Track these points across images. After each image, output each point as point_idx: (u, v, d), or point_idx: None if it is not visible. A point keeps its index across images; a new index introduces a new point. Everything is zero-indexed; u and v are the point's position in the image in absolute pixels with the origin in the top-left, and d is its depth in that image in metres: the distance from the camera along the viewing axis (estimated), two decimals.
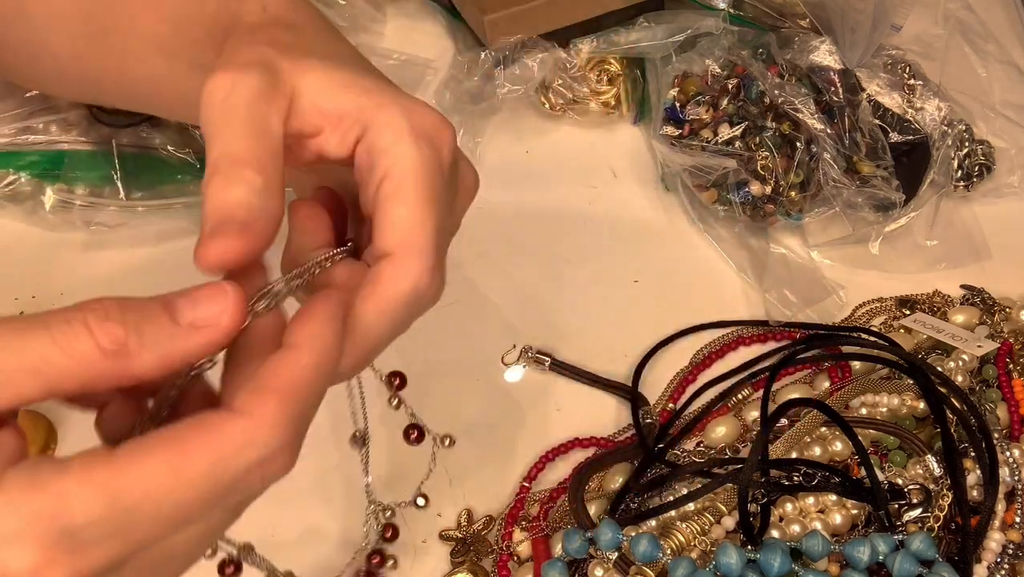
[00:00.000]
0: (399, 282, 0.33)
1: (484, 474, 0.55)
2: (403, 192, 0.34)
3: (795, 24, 0.68)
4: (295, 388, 0.28)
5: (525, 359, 0.59)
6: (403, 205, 0.34)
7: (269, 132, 0.33)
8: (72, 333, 0.26)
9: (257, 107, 0.33)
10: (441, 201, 0.35)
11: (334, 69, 0.35)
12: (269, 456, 0.27)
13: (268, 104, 0.33)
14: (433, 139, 0.35)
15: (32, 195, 0.63)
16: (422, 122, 0.35)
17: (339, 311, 0.31)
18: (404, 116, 0.35)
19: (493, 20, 0.66)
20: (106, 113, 0.63)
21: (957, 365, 0.55)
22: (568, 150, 0.70)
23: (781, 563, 0.44)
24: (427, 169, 0.34)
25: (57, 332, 0.26)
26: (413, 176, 0.34)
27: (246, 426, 0.27)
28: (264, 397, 0.27)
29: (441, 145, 0.35)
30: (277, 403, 0.27)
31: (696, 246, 0.65)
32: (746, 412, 0.56)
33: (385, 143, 0.34)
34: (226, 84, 0.33)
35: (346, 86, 0.35)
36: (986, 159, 0.66)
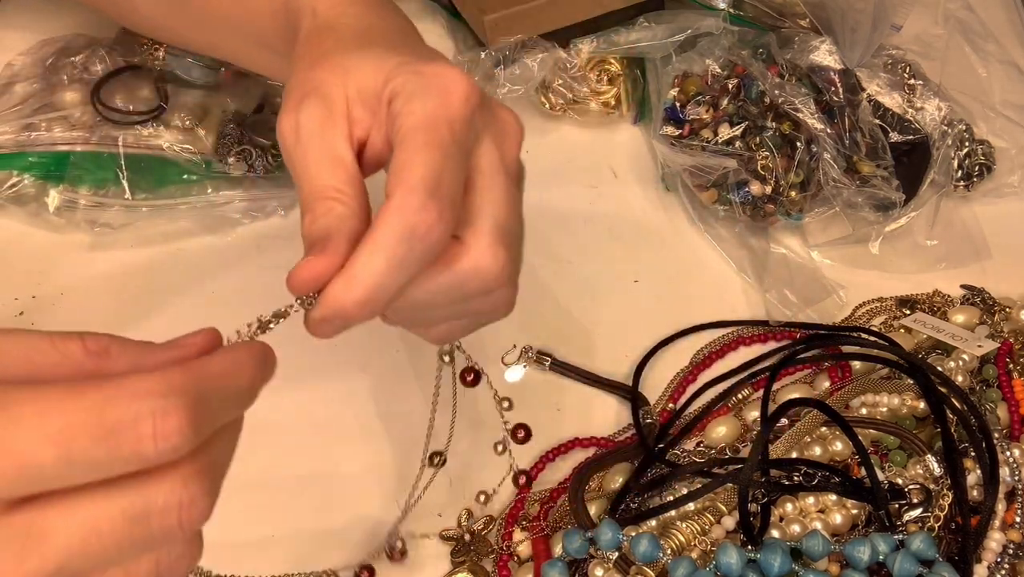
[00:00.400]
0: (386, 220, 0.34)
1: (484, 474, 0.55)
2: (404, 142, 0.35)
3: (795, 24, 0.68)
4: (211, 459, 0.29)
5: (525, 359, 0.59)
6: (398, 154, 0.35)
7: (341, 159, 0.36)
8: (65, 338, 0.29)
9: (324, 140, 0.36)
10: (446, 146, 0.35)
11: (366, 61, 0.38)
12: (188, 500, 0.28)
13: (332, 131, 0.37)
14: (441, 91, 0.36)
15: (36, 197, 0.63)
16: (432, 81, 0.37)
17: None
18: (415, 77, 0.37)
19: (493, 20, 0.66)
20: (113, 111, 0.63)
21: (957, 365, 0.55)
22: (568, 150, 0.70)
23: (781, 563, 0.44)
24: (429, 119, 0.36)
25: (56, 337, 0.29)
26: (413, 127, 0.35)
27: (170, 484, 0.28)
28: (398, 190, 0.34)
29: (451, 96, 0.36)
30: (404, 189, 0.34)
31: (696, 246, 0.65)
32: (746, 412, 0.56)
33: (397, 108, 0.36)
34: (291, 127, 0.37)
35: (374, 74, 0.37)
36: (986, 159, 0.66)
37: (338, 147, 0.36)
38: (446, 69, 0.37)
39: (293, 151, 0.37)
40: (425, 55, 0.40)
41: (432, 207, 0.34)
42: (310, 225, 0.35)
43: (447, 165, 0.35)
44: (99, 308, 0.60)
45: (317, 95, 0.37)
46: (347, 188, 0.36)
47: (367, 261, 0.34)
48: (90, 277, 0.62)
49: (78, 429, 0.26)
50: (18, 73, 0.66)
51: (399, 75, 0.37)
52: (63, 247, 0.63)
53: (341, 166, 0.36)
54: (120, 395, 0.26)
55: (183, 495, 0.28)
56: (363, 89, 0.37)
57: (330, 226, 0.35)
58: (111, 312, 0.60)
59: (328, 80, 0.38)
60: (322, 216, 0.35)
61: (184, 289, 0.61)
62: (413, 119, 0.36)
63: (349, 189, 0.36)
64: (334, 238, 0.34)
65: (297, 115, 0.37)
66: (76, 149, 0.62)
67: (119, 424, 0.26)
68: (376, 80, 0.37)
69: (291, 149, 0.37)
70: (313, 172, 0.36)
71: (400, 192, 0.34)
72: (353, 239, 0.34)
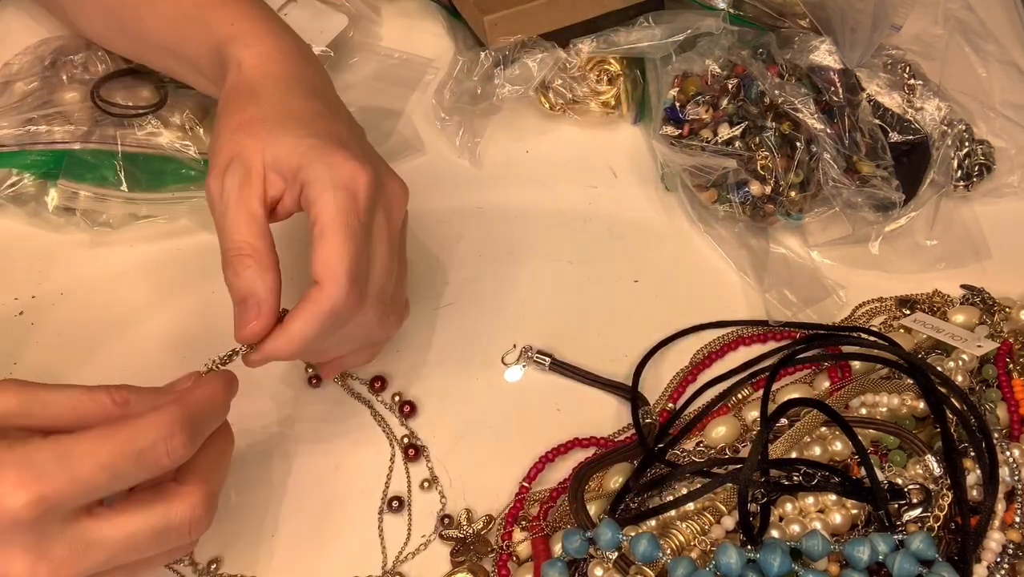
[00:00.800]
0: (320, 303, 0.44)
1: (484, 474, 0.55)
2: (324, 235, 0.45)
3: (795, 24, 0.68)
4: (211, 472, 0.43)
5: (525, 359, 0.59)
6: (324, 246, 0.45)
7: (254, 216, 0.45)
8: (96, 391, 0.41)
9: (241, 201, 0.45)
10: (358, 236, 0.45)
11: (282, 135, 0.47)
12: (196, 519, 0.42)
13: (249, 193, 0.46)
14: (349, 186, 0.45)
15: (36, 196, 0.63)
16: (340, 173, 0.46)
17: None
18: (326, 171, 0.46)
19: (493, 20, 0.66)
20: (113, 105, 0.63)
21: (957, 365, 0.55)
22: (568, 150, 0.70)
23: (781, 563, 0.44)
24: (343, 213, 0.45)
25: (90, 390, 0.41)
26: (331, 222, 0.45)
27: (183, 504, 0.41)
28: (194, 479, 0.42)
29: (357, 190, 0.46)
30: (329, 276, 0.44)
31: (696, 246, 0.65)
32: (746, 412, 0.56)
33: (313, 195, 0.45)
34: (217, 189, 0.46)
35: (290, 151, 0.46)
36: (986, 159, 0.66)
37: (253, 207, 0.45)
38: (349, 162, 0.46)
39: (216, 208, 0.46)
40: (332, 143, 0.47)
41: (355, 292, 0.45)
42: (233, 279, 0.45)
43: (360, 251, 0.45)
44: (99, 308, 0.60)
45: (239, 161, 0.46)
46: (258, 242, 0.45)
47: (301, 328, 0.45)
48: (90, 276, 0.62)
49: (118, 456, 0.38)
50: (18, 72, 0.66)
51: (311, 162, 0.46)
52: (63, 247, 0.63)
53: (255, 222, 0.45)
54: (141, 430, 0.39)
55: (193, 514, 0.41)
56: (279, 161, 0.46)
57: (252, 285, 0.45)
58: (111, 312, 0.60)
59: (249, 146, 0.46)
60: (241, 272, 0.45)
61: (184, 288, 0.61)
62: (328, 213, 0.45)
63: (259, 243, 0.45)
64: (263, 300, 0.45)
65: (223, 179, 0.46)
66: (75, 148, 0.62)
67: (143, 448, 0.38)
68: (291, 158, 0.46)
69: (215, 207, 0.46)
70: (231, 228, 0.45)
71: (330, 283, 0.44)
72: (273, 292, 0.45)
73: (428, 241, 0.65)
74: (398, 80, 0.72)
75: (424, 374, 0.59)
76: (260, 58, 0.51)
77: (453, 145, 0.69)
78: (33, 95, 0.64)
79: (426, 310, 0.61)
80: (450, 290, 0.62)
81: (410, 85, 0.72)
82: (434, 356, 0.60)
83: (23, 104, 0.63)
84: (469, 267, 0.63)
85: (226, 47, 0.52)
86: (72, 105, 0.63)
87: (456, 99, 0.68)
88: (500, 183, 0.68)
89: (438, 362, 0.59)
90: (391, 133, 0.69)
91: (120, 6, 0.59)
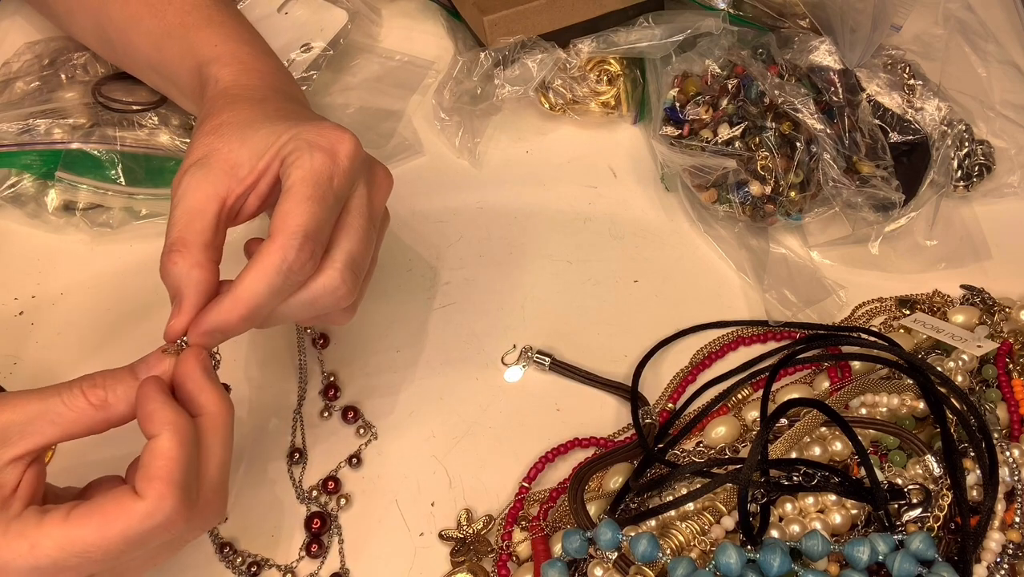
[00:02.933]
0: (270, 256, 0.43)
1: (484, 474, 0.55)
2: (290, 191, 0.44)
3: (795, 24, 0.68)
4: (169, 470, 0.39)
5: (525, 359, 0.59)
6: (286, 200, 0.44)
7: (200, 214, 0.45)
8: (72, 395, 0.41)
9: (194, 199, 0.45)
10: (326, 199, 0.44)
11: (258, 128, 0.46)
12: (168, 522, 0.39)
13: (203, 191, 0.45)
14: (328, 149, 0.45)
15: (35, 197, 0.63)
16: (318, 137, 0.45)
17: (164, 385, 0.42)
18: (303, 137, 0.45)
19: (493, 20, 0.66)
20: (113, 101, 0.63)
21: (957, 365, 0.55)
22: (568, 150, 0.70)
23: (781, 563, 0.44)
24: (314, 173, 0.44)
25: (65, 395, 0.41)
26: (300, 180, 0.44)
27: (144, 506, 0.38)
28: (151, 484, 0.39)
29: (337, 153, 0.45)
30: (160, 486, 0.39)
31: (696, 246, 0.65)
32: (746, 412, 0.56)
33: (290, 160, 0.45)
34: (177, 183, 0.46)
35: (265, 139, 0.46)
36: (986, 159, 0.66)
37: (201, 205, 0.45)
38: (334, 129, 0.46)
39: (172, 196, 0.46)
40: (314, 119, 0.48)
41: (307, 249, 0.43)
42: (163, 275, 0.44)
43: (323, 215, 0.44)
44: (99, 307, 0.60)
45: (204, 162, 0.46)
46: (193, 237, 0.44)
47: (250, 285, 0.43)
48: (90, 276, 0.62)
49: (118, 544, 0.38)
50: (17, 71, 0.66)
51: (291, 137, 0.45)
52: (63, 247, 0.63)
53: (198, 219, 0.45)
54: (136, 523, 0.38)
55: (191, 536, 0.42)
56: (255, 149, 0.46)
57: (176, 281, 0.44)
58: (111, 311, 0.60)
59: (216, 147, 0.46)
60: (169, 267, 0.44)
61: None
62: (300, 172, 0.44)
63: (194, 238, 0.44)
64: (184, 297, 0.43)
65: (183, 176, 0.46)
66: (75, 147, 0.62)
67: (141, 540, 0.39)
68: (268, 139, 0.46)
69: (172, 195, 0.46)
70: (172, 223, 0.45)
71: (282, 236, 0.43)
72: (196, 289, 0.44)
73: (428, 241, 0.65)
74: (398, 82, 0.72)
75: (424, 374, 0.59)
76: (238, 74, 0.52)
77: (453, 145, 0.69)
78: (33, 94, 0.64)
79: (426, 310, 0.61)
80: (450, 290, 0.62)
81: (410, 87, 0.72)
82: (434, 356, 0.60)
83: (23, 103, 0.63)
84: (469, 267, 0.63)
85: (207, 67, 0.53)
86: (72, 104, 0.63)
87: (456, 99, 0.68)
88: (500, 183, 0.68)
89: (438, 362, 0.59)
90: (391, 134, 0.69)
91: (108, 21, 0.59)
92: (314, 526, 0.53)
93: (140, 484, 0.39)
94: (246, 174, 0.46)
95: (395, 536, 0.53)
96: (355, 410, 0.57)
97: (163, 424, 0.40)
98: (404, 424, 0.57)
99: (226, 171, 0.46)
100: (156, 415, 0.40)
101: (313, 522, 0.53)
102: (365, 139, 0.67)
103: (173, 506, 0.38)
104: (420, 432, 0.57)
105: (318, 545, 0.52)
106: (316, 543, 0.52)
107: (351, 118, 0.69)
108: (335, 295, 0.46)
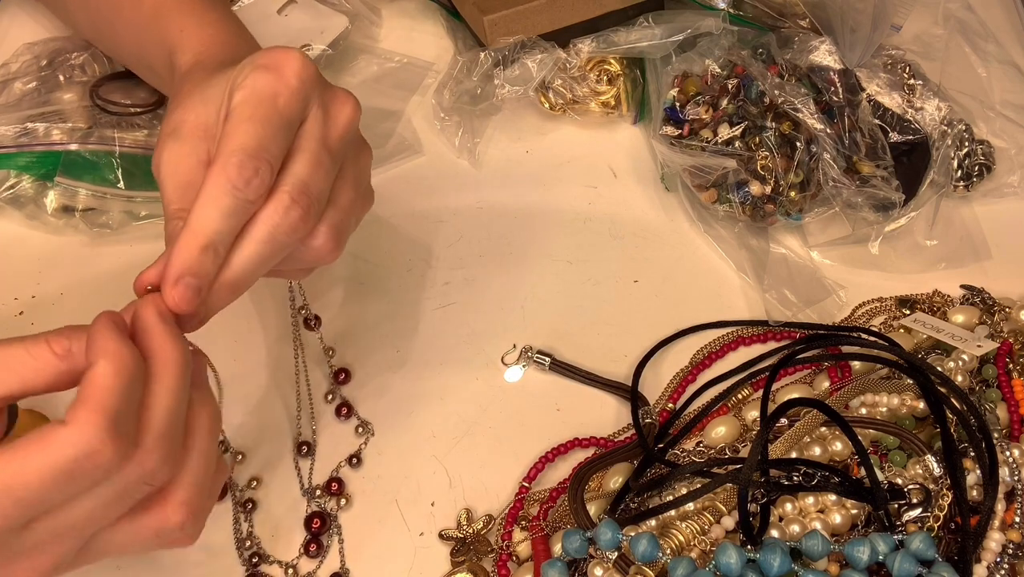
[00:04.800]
0: (212, 179, 0.41)
1: (484, 474, 0.55)
2: (230, 116, 0.42)
3: (795, 24, 0.68)
4: (99, 398, 0.35)
5: (525, 359, 0.59)
6: (227, 124, 0.42)
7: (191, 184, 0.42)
8: (36, 345, 0.38)
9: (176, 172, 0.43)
10: (269, 118, 0.42)
11: (215, 83, 0.45)
12: (91, 450, 0.35)
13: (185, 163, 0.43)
14: (270, 66, 0.43)
15: (34, 198, 0.63)
16: (262, 57, 0.43)
17: (119, 320, 0.39)
18: (250, 63, 0.43)
19: (493, 20, 0.66)
20: (111, 103, 0.63)
21: (957, 365, 0.55)
22: (568, 150, 0.70)
23: (781, 563, 0.44)
24: (256, 92, 0.42)
25: (29, 345, 0.38)
26: (241, 102, 0.42)
27: (67, 433, 0.35)
28: (77, 410, 0.35)
29: (282, 69, 0.42)
30: (86, 412, 0.35)
31: (696, 246, 0.65)
32: (746, 412, 0.56)
33: (235, 88, 0.43)
34: (156, 163, 0.44)
35: (221, 86, 0.44)
36: (986, 159, 0.66)
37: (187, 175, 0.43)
38: (281, 51, 0.43)
39: (157, 179, 0.44)
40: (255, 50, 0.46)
41: (249, 166, 0.40)
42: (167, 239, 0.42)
43: (266, 134, 0.41)
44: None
45: (175, 134, 0.44)
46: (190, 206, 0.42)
47: (200, 213, 0.40)
48: (89, 277, 0.62)
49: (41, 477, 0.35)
50: (16, 72, 0.66)
51: (239, 69, 0.43)
52: (62, 247, 0.63)
53: (191, 190, 0.42)
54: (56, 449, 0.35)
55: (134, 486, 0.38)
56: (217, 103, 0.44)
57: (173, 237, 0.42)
58: None
59: (185, 118, 0.44)
60: (171, 233, 0.42)
61: None
62: (242, 93, 0.42)
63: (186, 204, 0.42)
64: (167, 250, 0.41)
65: (161, 152, 0.44)
66: (73, 148, 0.62)
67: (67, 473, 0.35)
68: (225, 88, 0.44)
69: (156, 177, 0.44)
70: (168, 198, 0.43)
71: (220, 157, 0.41)
72: None
73: (428, 241, 0.65)
74: (398, 83, 0.72)
75: (424, 374, 0.59)
76: (200, 54, 0.51)
77: (453, 145, 0.69)
78: (31, 95, 0.64)
79: (426, 310, 0.61)
80: (450, 290, 0.62)
81: (410, 88, 0.72)
82: (434, 356, 0.60)
83: (21, 104, 0.63)
84: (469, 267, 0.63)
85: (174, 54, 0.52)
86: (70, 105, 0.63)
87: (456, 99, 0.68)
88: (500, 183, 0.68)
89: (438, 362, 0.59)
90: (391, 135, 0.69)
91: (96, 13, 0.59)
92: (314, 526, 0.53)
93: (68, 412, 0.36)
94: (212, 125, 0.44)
95: (395, 536, 0.53)
96: (348, 406, 0.57)
97: (102, 352, 0.37)
98: (404, 424, 0.57)
99: (199, 136, 0.44)
100: (98, 343, 0.37)
101: (313, 522, 0.53)
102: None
103: (98, 433, 0.35)
104: (420, 432, 0.57)
105: (317, 545, 0.52)
106: (315, 543, 0.52)
107: None
108: (289, 221, 0.42)
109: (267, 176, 0.41)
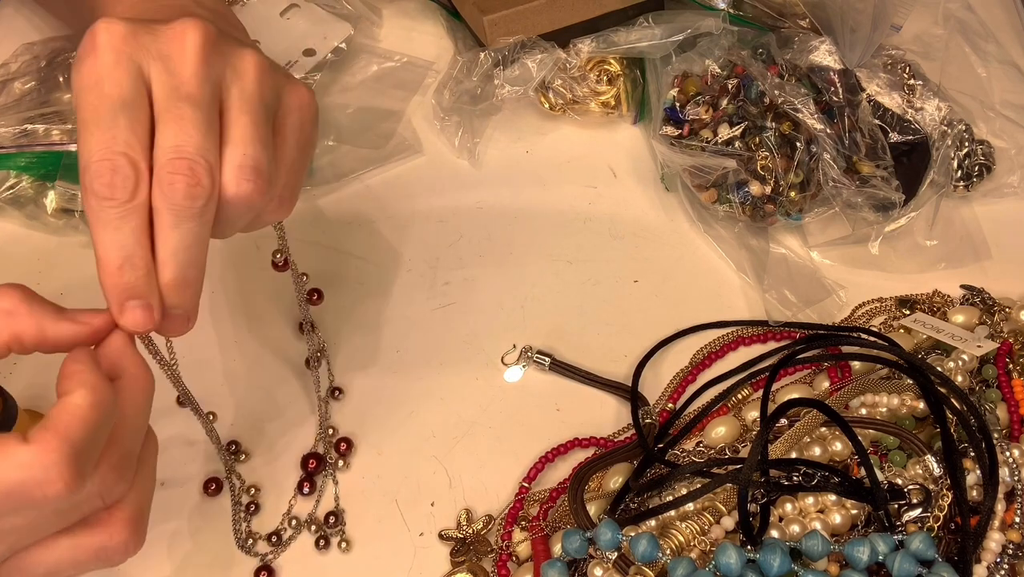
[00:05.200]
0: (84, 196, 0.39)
1: (484, 474, 0.55)
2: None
3: (795, 24, 0.68)
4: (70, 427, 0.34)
5: (525, 359, 0.59)
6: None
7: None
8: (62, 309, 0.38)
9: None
10: (97, 106, 0.39)
11: None
12: (44, 480, 0.33)
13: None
14: (81, 55, 0.40)
15: (34, 198, 0.63)
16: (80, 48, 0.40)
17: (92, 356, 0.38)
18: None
19: (493, 20, 0.66)
20: None
21: (957, 365, 0.55)
22: (568, 150, 0.70)
23: (781, 563, 0.44)
24: (79, 84, 0.39)
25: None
26: (74, 100, 0.40)
27: (24, 453, 0.33)
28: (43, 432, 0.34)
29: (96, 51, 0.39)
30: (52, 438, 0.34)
31: (696, 246, 0.65)
32: (746, 412, 0.56)
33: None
34: None
35: None
36: (986, 159, 0.66)
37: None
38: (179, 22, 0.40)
39: None
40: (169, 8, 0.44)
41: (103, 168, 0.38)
42: None
43: (105, 122, 0.38)
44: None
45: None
46: None
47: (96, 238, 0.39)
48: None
49: None
50: (15, 72, 0.66)
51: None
52: (62, 248, 0.63)
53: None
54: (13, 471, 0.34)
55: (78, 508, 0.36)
56: None
57: None
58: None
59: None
60: None
61: None
62: (73, 90, 0.39)
63: None
64: None
65: None
66: (73, 149, 0.62)
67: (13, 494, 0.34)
68: None
69: None
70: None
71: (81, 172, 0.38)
72: None
73: (428, 241, 0.65)
74: (398, 83, 0.72)
75: (424, 374, 0.59)
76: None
77: (453, 145, 0.69)
78: (31, 95, 0.64)
79: (426, 310, 0.61)
80: (450, 290, 0.62)
81: (410, 88, 0.72)
82: (434, 356, 0.60)
83: (20, 105, 0.63)
84: (469, 267, 0.63)
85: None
86: (70, 105, 0.63)
87: (456, 99, 0.68)
88: (500, 183, 0.68)
89: (438, 362, 0.59)
90: (391, 135, 0.69)
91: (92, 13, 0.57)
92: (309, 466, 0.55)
93: (34, 430, 0.34)
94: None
95: (395, 536, 0.53)
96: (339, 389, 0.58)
97: (83, 383, 0.35)
98: (404, 424, 0.57)
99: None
100: (78, 375, 0.36)
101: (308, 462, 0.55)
102: (365, 139, 0.68)
103: (56, 462, 0.33)
104: (420, 432, 0.57)
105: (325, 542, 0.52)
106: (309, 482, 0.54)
107: (351, 118, 0.69)
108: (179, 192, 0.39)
109: (126, 168, 0.38)
